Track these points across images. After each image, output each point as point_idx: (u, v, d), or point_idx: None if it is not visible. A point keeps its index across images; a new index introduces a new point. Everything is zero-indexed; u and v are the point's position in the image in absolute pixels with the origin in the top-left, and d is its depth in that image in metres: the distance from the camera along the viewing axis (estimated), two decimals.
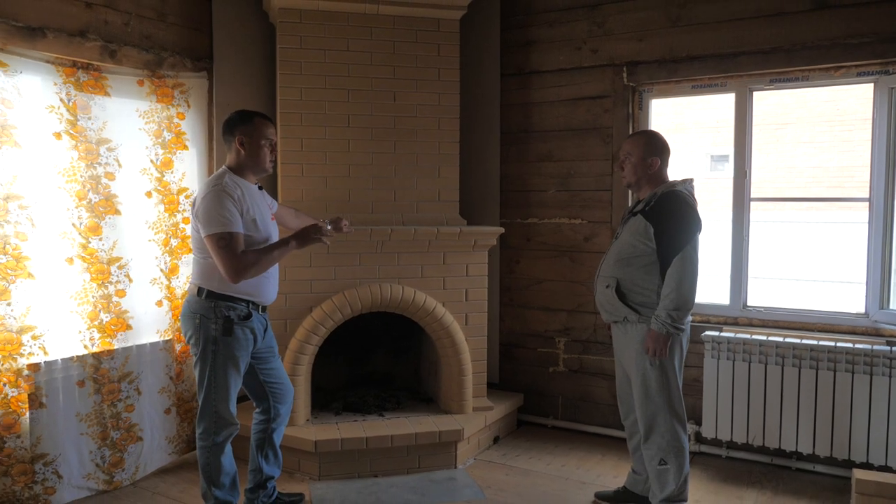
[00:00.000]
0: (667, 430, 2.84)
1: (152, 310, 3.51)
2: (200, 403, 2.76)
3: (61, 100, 3.15)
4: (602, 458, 3.77)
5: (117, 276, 3.35)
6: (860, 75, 3.44)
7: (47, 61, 3.10)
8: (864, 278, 3.53)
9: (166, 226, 3.56)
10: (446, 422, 3.65)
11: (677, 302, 2.72)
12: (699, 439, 3.79)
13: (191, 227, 2.80)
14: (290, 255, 3.46)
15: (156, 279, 3.52)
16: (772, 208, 12.03)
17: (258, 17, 3.93)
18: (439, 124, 3.88)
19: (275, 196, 3.67)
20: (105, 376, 3.29)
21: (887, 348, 3.26)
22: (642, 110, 3.95)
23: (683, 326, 2.78)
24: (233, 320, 2.70)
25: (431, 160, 3.89)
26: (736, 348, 3.54)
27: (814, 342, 3.40)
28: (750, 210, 3.74)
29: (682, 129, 12.92)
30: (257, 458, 3.00)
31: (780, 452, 3.58)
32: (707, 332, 3.63)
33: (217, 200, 2.62)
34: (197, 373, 2.76)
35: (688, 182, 2.90)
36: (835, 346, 3.34)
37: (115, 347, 3.33)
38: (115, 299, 3.34)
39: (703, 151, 13.41)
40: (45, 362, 3.05)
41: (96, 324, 3.27)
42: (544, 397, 4.28)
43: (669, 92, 3.91)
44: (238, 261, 2.60)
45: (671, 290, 2.73)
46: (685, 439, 2.87)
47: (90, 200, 3.25)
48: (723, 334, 3.59)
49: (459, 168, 3.97)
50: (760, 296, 4.08)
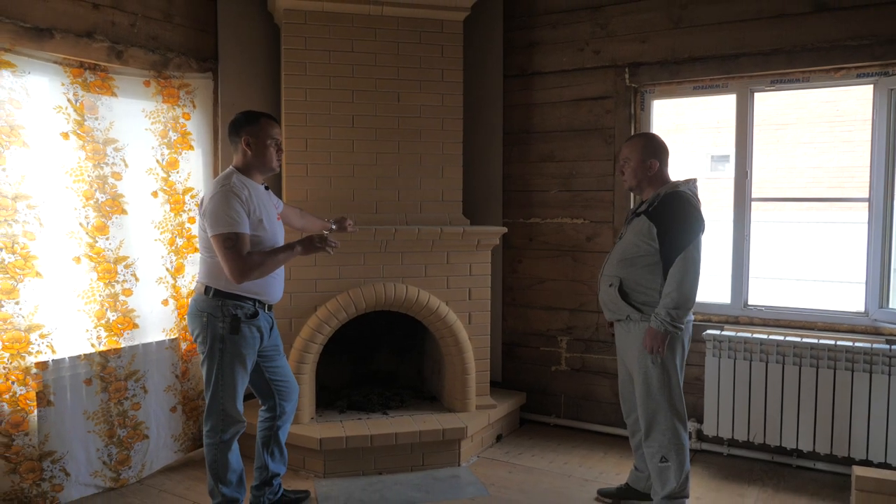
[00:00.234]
0: (668, 427, 2.86)
1: (158, 309, 3.54)
2: (208, 401, 2.78)
3: (69, 100, 3.17)
4: (604, 455, 3.79)
5: (124, 275, 3.38)
6: (860, 77, 3.47)
7: (55, 62, 3.12)
8: (864, 277, 3.56)
9: (172, 225, 3.59)
10: (450, 420, 3.68)
11: (677, 301, 2.74)
12: (701, 437, 3.81)
13: (198, 226, 2.81)
14: None
15: (162, 278, 3.55)
16: (772, 208, 12.06)
17: (263, 18, 3.95)
18: (443, 125, 3.91)
19: (279, 196, 3.70)
20: (112, 375, 3.32)
21: (887, 347, 3.29)
22: (644, 111, 3.98)
23: (682, 325, 2.79)
24: (240, 319, 2.73)
25: (435, 160, 3.91)
26: (737, 347, 3.56)
27: (814, 341, 3.43)
28: (751, 210, 3.77)
29: (682, 129, 12.95)
30: (263, 455, 3.03)
31: (780, 450, 3.60)
32: (708, 331, 3.65)
33: (224, 200, 2.64)
34: (204, 371, 2.78)
35: (691, 182, 2.92)
36: (835, 345, 3.37)
37: (122, 346, 3.36)
38: (121, 298, 3.36)
39: (703, 152, 13.44)
40: (52, 360, 3.08)
41: (103, 322, 3.30)
42: (547, 396, 4.31)
43: (671, 93, 3.93)
44: (243, 262, 2.62)
45: (672, 289, 2.75)
46: (685, 437, 2.90)
47: (97, 200, 3.27)
48: (724, 333, 3.61)
49: (462, 168, 3.99)
50: (761, 295, 4.11)
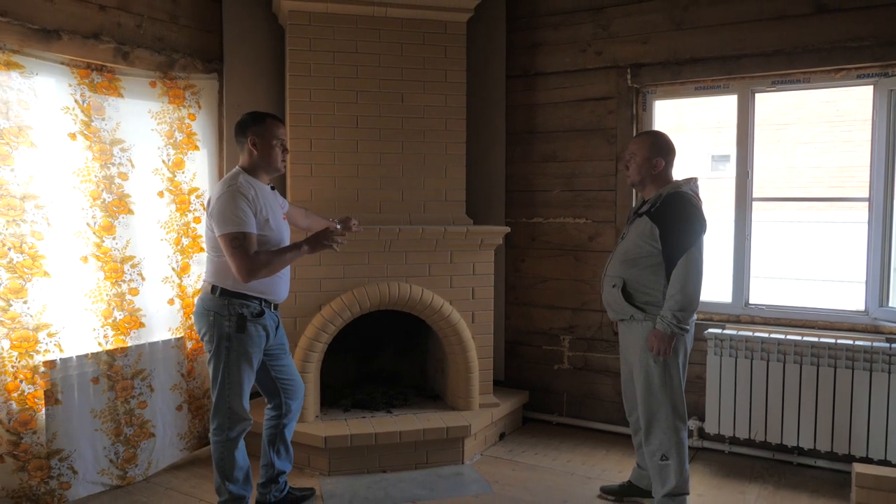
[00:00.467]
0: (668, 426, 2.88)
1: (164, 308, 3.56)
2: (214, 399, 2.80)
3: (76, 101, 3.20)
4: (607, 453, 3.82)
5: (130, 274, 3.40)
6: (860, 77, 3.50)
7: (62, 63, 3.15)
8: (864, 277, 3.58)
9: (178, 225, 3.62)
10: (453, 418, 3.70)
11: (682, 303, 2.76)
12: (702, 435, 3.84)
13: (205, 226, 2.84)
14: None
15: (167, 278, 3.58)
16: (773, 208, 12.08)
17: (268, 20, 3.98)
18: (446, 125, 3.94)
19: (284, 196, 3.72)
20: (119, 373, 3.34)
21: (886, 345, 3.31)
22: (646, 111, 4.00)
23: (688, 326, 2.82)
24: (246, 317, 2.75)
25: (438, 160, 3.94)
26: (738, 345, 3.58)
27: (815, 339, 3.45)
28: (752, 210, 3.79)
29: (683, 129, 12.97)
30: (269, 453, 3.05)
31: (781, 447, 3.63)
32: (710, 330, 3.67)
33: (231, 200, 2.67)
34: (211, 369, 2.80)
35: (692, 182, 2.93)
36: (835, 343, 3.39)
37: (129, 345, 3.38)
38: (128, 297, 3.39)
39: (704, 151, 13.46)
40: (60, 359, 3.10)
41: (110, 322, 3.32)
42: (549, 394, 4.33)
43: (673, 93, 3.96)
44: (250, 261, 2.64)
45: (676, 290, 2.77)
46: (685, 435, 2.92)
47: (104, 200, 3.30)
48: (725, 332, 3.63)
49: (466, 168, 4.02)
50: (762, 294, 4.14)
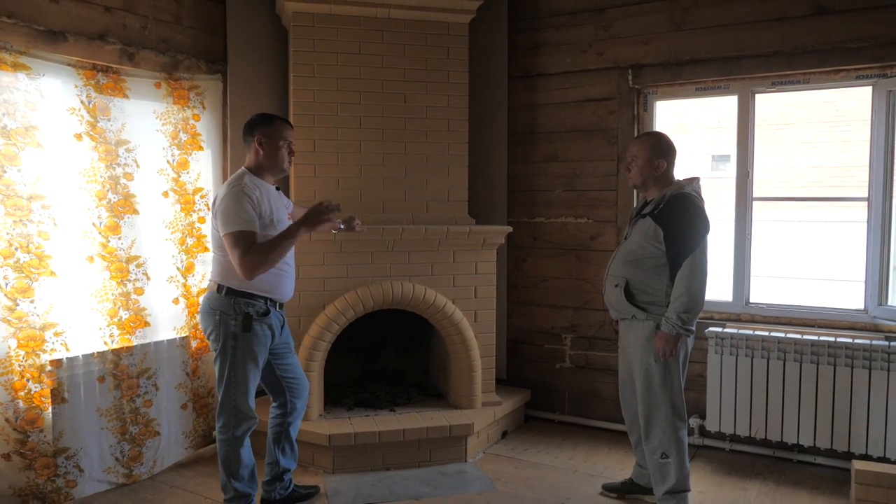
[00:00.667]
0: (668, 425, 2.91)
1: (169, 307, 3.59)
2: (220, 398, 2.83)
3: (82, 102, 3.22)
4: (608, 451, 3.85)
5: (136, 274, 3.43)
6: (859, 78, 3.52)
7: (68, 64, 3.17)
8: (863, 276, 3.61)
9: (182, 225, 3.64)
10: (456, 416, 3.73)
11: (687, 304, 2.78)
12: (703, 433, 3.87)
13: (210, 226, 2.87)
14: (304, 253, 3.56)
15: (172, 277, 3.60)
16: (773, 207, 12.09)
17: (271, 21, 4.00)
18: (448, 125, 3.96)
19: (288, 196, 3.75)
20: (124, 372, 3.36)
21: (885, 343, 3.34)
22: (647, 112, 4.03)
23: (692, 328, 2.84)
24: (252, 317, 2.78)
25: (441, 161, 3.96)
26: (739, 344, 3.61)
27: (814, 338, 3.48)
28: (752, 209, 3.82)
29: (684, 129, 12.98)
30: (274, 451, 3.08)
31: (781, 445, 3.66)
32: (710, 329, 3.69)
33: (236, 200, 2.69)
34: (217, 368, 2.83)
35: (695, 182, 2.95)
36: (835, 342, 3.42)
37: (134, 344, 3.40)
38: (133, 297, 3.42)
39: (704, 151, 13.48)
40: (66, 358, 3.12)
41: (116, 321, 3.35)
42: (551, 393, 4.36)
43: (674, 94, 3.98)
44: (250, 258, 2.62)
45: (681, 293, 2.78)
46: (685, 434, 2.95)
47: (109, 200, 3.32)
48: (726, 330, 3.66)
49: (468, 168, 4.04)
50: (762, 293, 4.17)
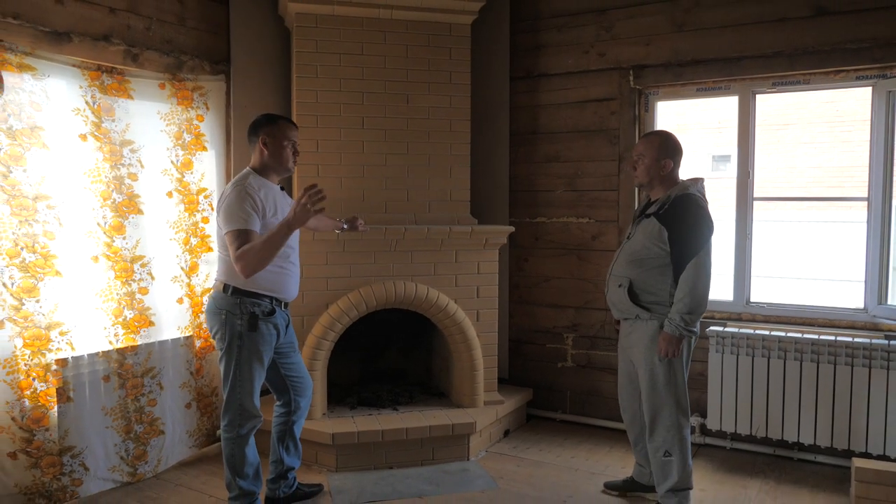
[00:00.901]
0: (672, 423, 2.93)
1: (173, 307, 3.61)
2: (225, 397, 2.85)
3: (86, 102, 3.24)
4: (610, 450, 3.87)
5: (140, 273, 3.45)
6: (859, 79, 3.54)
7: (73, 65, 3.19)
8: (863, 275, 3.62)
9: (186, 225, 3.66)
10: (459, 415, 3.75)
11: (691, 306, 2.79)
12: (704, 431, 3.89)
13: (216, 225, 2.89)
14: (308, 253, 3.58)
15: (176, 277, 3.62)
16: (773, 207, 12.11)
17: (274, 22, 4.02)
18: (451, 126, 3.98)
19: (291, 196, 3.76)
20: (129, 371, 3.38)
21: (885, 342, 3.36)
22: (648, 112, 4.05)
23: (695, 329, 2.86)
24: (257, 316, 2.79)
25: (443, 161, 3.99)
26: (740, 343, 3.63)
27: (815, 337, 3.50)
28: (753, 209, 3.84)
29: (684, 129, 12.99)
30: (278, 449, 3.10)
31: (782, 443, 3.68)
32: (712, 328, 3.72)
33: (238, 199, 2.71)
34: (222, 367, 2.85)
35: (699, 182, 2.96)
36: (835, 341, 3.44)
37: (139, 343, 3.42)
38: (138, 296, 3.43)
39: (705, 152, 13.49)
40: (72, 357, 3.14)
41: (120, 320, 3.37)
42: (553, 392, 4.38)
43: (675, 94, 4.00)
44: (244, 257, 2.61)
45: (685, 294, 2.79)
46: (688, 432, 2.97)
47: (114, 200, 3.34)
48: (727, 329, 3.68)
49: (470, 168, 4.06)
50: (763, 292, 4.18)
